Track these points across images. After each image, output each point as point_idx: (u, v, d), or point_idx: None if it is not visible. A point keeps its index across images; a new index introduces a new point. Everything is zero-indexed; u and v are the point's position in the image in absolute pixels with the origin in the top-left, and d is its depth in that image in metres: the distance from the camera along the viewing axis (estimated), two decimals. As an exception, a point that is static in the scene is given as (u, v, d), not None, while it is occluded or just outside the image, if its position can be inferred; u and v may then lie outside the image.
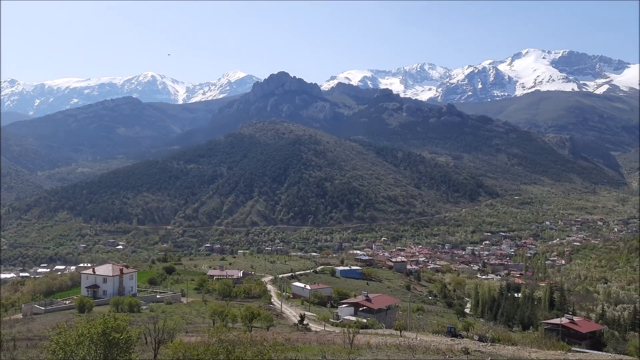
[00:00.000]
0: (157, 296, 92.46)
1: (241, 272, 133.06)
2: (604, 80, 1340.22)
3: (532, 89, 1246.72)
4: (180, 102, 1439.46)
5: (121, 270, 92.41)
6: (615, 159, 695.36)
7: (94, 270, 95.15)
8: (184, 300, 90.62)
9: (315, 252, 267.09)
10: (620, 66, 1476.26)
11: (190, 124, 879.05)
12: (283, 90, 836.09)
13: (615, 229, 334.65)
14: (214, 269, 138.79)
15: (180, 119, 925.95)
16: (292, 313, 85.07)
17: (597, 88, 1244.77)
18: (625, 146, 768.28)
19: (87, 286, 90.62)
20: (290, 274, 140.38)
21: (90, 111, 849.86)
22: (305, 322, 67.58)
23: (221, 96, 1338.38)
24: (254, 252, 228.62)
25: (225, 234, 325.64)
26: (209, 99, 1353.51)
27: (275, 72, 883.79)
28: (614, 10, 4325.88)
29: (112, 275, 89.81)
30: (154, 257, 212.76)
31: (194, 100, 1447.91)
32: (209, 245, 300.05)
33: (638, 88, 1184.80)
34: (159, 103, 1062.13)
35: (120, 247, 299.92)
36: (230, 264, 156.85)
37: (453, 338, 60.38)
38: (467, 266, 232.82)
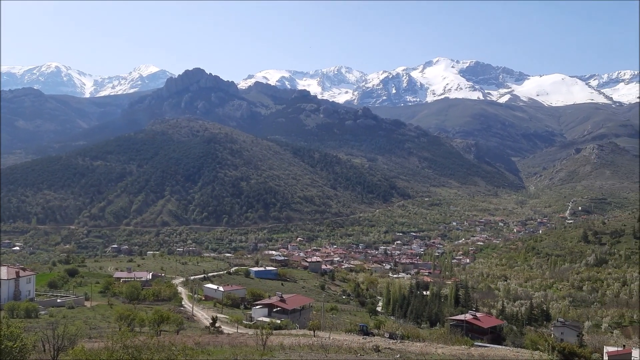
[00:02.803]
0: (58, 300, 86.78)
1: (150, 274, 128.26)
2: (506, 90, 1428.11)
3: (442, 96, 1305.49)
4: (88, 95, 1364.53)
5: (17, 273, 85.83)
6: (515, 164, 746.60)
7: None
8: (87, 304, 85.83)
9: (230, 252, 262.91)
10: (520, 78, 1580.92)
11: (98, 119, 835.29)
12: (198, 87, 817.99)
13: (515, 230, 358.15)
14: (121, 270, 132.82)
15: (87, 113, 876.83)
16: (203, 316, 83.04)
17: (500, 97, 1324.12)
18: (524, 152, 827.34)
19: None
20: (202, 276, 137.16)
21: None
22: (217, 324, 66.20)
23: (132, 91, 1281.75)
24: (164, 254, 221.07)
25: (134, 235, 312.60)
26: (119, 93, 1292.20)
27: (191, 68, 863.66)
28: (517, 23, 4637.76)
29: (7, 279, 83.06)
30: (55, 258, 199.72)
31: (102, 94, 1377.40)
32: (116, 246, 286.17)
33: (536, 99, 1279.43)
34: (64, 96, 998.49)
35: (17, 248, 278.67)
36: (138, 265, 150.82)
37: (365, 336, 61.47)
38: (379, 265, 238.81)
